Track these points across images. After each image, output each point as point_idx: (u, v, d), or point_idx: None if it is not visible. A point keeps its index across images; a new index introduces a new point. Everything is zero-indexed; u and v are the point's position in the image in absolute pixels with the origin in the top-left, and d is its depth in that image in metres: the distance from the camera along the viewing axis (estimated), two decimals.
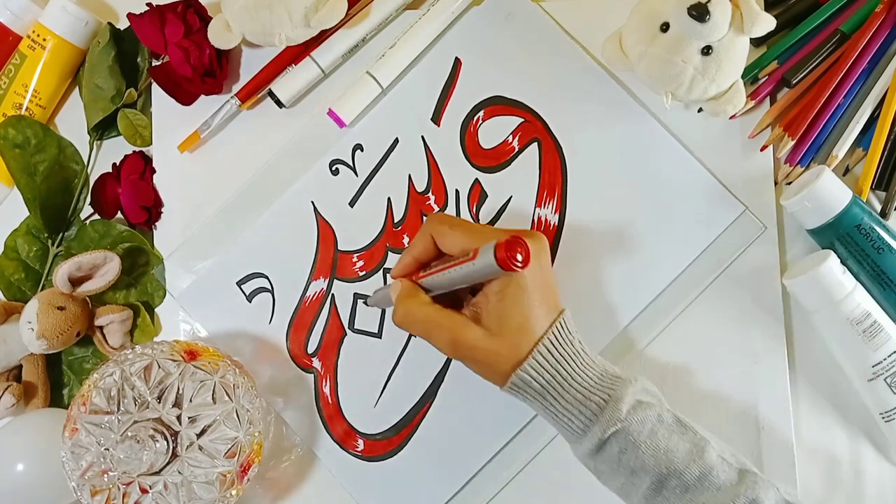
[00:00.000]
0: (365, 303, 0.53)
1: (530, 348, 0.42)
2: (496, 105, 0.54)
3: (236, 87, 0.55)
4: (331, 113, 0.53)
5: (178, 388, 0.45)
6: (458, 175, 0.54)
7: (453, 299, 0.45)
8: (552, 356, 0.42)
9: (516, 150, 0.53)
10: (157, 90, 0.55)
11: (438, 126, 0.54)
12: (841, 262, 0.48)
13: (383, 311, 0.53)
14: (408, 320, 0.44)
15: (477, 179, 0.54)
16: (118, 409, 0.45)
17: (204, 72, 0.53)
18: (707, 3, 0.45)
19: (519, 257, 0.38)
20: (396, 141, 0.54)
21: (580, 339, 0.44)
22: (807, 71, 0.51)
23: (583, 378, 0.42)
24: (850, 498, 0.51)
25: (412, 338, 0.53)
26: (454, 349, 0.43)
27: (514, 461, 0.52)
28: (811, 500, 0.51)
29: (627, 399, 0.42)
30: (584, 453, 0.43)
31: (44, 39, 0.54)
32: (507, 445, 0.52)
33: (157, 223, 0.56)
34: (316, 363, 0.53)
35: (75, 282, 0.52)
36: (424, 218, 0.53)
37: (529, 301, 0.42)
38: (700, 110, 0.53)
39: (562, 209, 0.53)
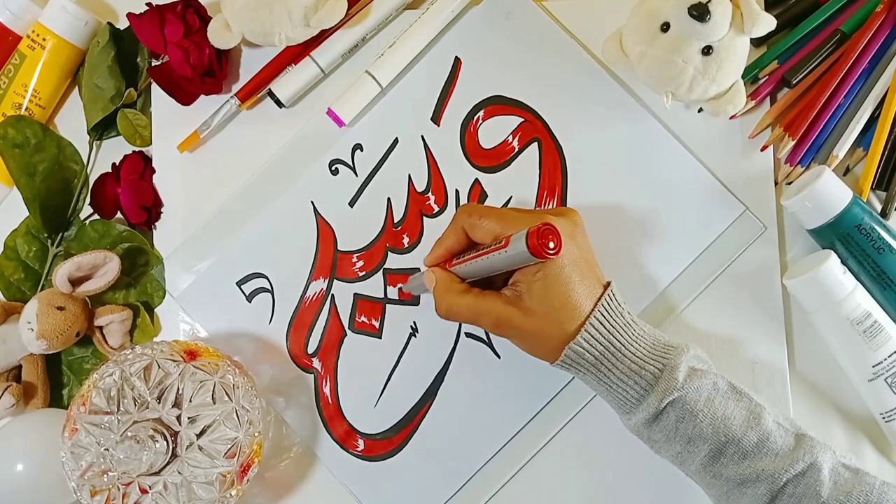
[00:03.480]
0: (400, 289, 0.53)
1: (579, 324, 0.42)
2: (496, 105, 0.54)
3: (236, 87, 0.55)
4: (330, 112, 0.53)
5: (178, 389, 0.45)
6: (458, 175, 0.54)
7: (490, 278, 0.46)
8: (604, 328, 0.42)
9: (516, 149, 0.53)
10: (156, 90, 0.55)
11: (438, 126, 0.54)
12: (841, 262, 0.48)
13: (384, 311, 0.53)
14: (452, 312, 0.45)
15: (477, 179, 0.54)
16: (118, 409, 0.45)
17: (204, 72, 0.53)
18: (707, 3, 0.45)
19: (551, 245, 0.39)
20: (396, 141, 0.54)
21: (629, 309, 0.44)
22: (807, 71, 0.51)
23: (636, 348, 0.43)
24: None
25: (412, 338, 0.53)
26: (500, 329, 0.44)
27: (514, 460, 0.52)
28: None
29: (682, 367, 0.42)
30: (638, 423, 0.43)
31: (43, 39, 0.54)
32: (507, 445, 0.52)
33: (156, 223, 0.55)
34: (316, 363, 0.53)
35: (75, 282, 0.52)
36: (424, 218, 0.53)
37: (569, 280, 0.42)
38: (700, 110, 0.53)
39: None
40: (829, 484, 0.40)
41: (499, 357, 0.52)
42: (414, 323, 0.53)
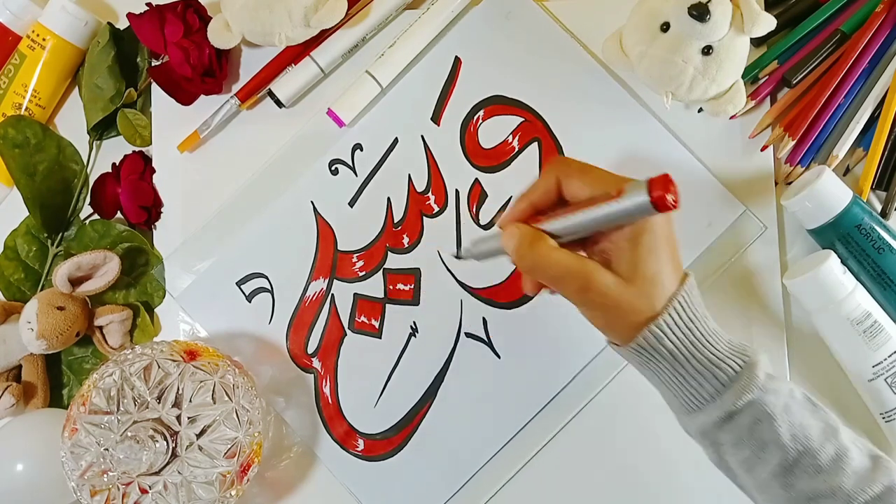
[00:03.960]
0: (456, 256, 0.49)
1: (665, 302, 0.39)
2: (496, 104, 0.54)
3: (236, 87, 0.55)
4: (330, 112, 0.53)
5: (178, 388, 0.45)
6: (458, 175, 0.54)
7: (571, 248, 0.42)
8: (686, 314, 0.39)
9: (516, 149, 0.53)
10: (156, 90, 0.55)
11: (438, 125, 0.54)
12: (841, 262, 0.48)
13: (384, 311, 0.53)
14: (540, 265, 0.39)
15: (477, 179, 0.54)
16: (118, 409, 0.45)
17: (204, 72, 0.53)
18: (707, 2, 0.45)
19: (670, 198, 0.34)
20: (396, 140, 0.54)
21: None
22: (807, 71, 0.51)
23: (715, 340, 0.40)
24: None
25: (412, 337, 0.53)
26: (585, 295, 0.39)
27: (515, 460, 0.52)
28: None
29: (763, 367, 0.39)
30: (707, 422, 0.40)
31: (43, 39, 0.54)
32: (507, 445, 0.52)
33: (156, 223, 0.56)
34: (316, 363, 0.53)
35: (75, 282, 0.52)
36: (424, 218, 0.53)
37: (663, 251, 0.39)
38: (700, 110, 0.53)
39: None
40: None
41: (499, 357, 0.52)
42: (414, 323, 0.53)
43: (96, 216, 0.56)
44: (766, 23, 0.45)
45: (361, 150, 0.54)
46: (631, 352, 0.40)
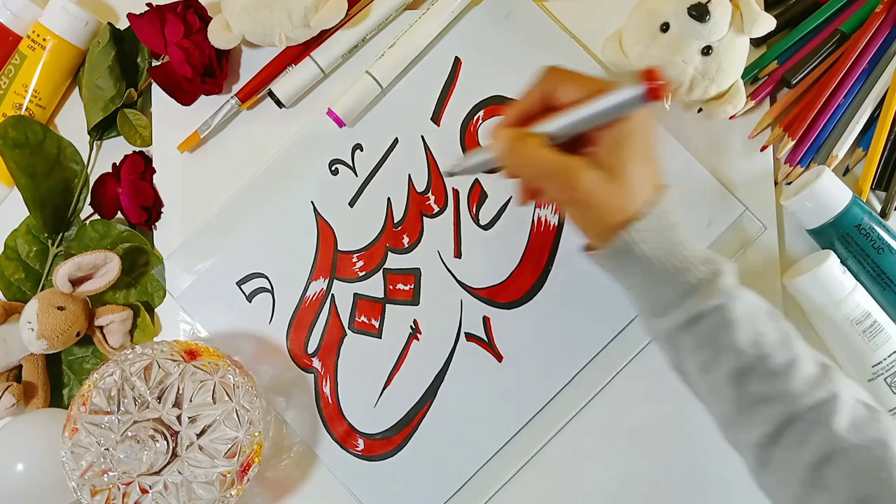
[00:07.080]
0: (448, 173, 0.49)
1: (644, 206, 0.40)
2: (496, 104, 0.54)
3: (236, 87, 0.55)
4: (330, 113, 0.53)
5: (178, 388, 0.45)
6: (458, 175, 0.54)
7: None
8: (663, 220, 0.40)
9: None
10: (157, 90, 0.55)
11: (438, 126, 0.54)
12: (841, 262, 0.48)
13: (384, 311, 0.53)
14: (526, 162, 0.40)
15: (477, 179, 0.54)
16: (118, 409, 0.45)
17: (204, 72, 0.53)
18: (707, 3, 0.45)
19: (661, 82, 0.36)
20: (396, 141, 0.54)
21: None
22: (807, 71, 0.51)
23: (688, 247, 0.41)
24: None
25: (412, 338, 0.53)
26: (570, 192, 0.40)
27: (514, 460, 0.52)
28: None
29: (731, 274, 0.41)
30: (671, 326, 0.42)
31: (44, 39, 0.54)
32: (507, 445, 0.52)
33: (157, 223, 0.56)
34: (316, 363, 0.53)
35: (75, 282, 0.52)
36: (424, 218, 0.53)
37: (647, 150, 0.40)
38: (700, 110, 0.53)
39: (562, 210, 0.53)
40: (846, 417, 0.39)
41: (498, 357, 0.52)
42: (414, 323, 0.53)
43: (97, 216, 0.56)
44: (766, 23, 0.45)
45: (361, 150, 0.54)
46: (607, 254, 0.42)
